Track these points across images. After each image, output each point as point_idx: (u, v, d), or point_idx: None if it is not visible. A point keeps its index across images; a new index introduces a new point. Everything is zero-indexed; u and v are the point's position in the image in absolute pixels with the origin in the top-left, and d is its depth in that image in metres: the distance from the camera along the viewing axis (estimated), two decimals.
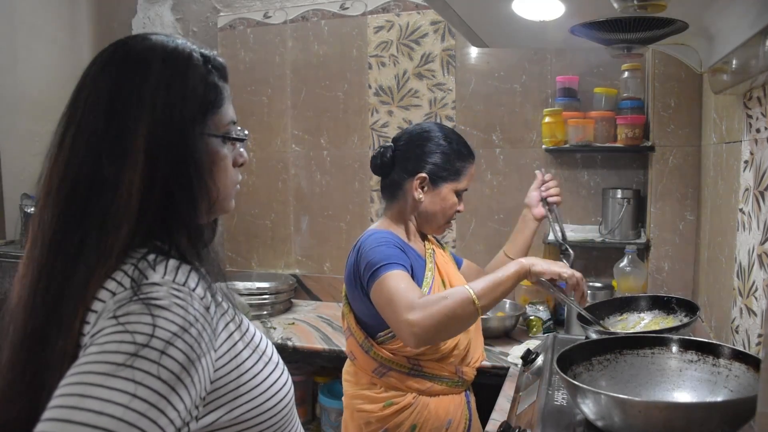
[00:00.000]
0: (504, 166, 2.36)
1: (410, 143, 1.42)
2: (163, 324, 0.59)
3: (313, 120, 2.65)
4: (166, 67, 0.71)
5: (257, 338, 0.77)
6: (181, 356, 0.59)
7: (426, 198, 1.40)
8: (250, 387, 0.71)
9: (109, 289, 0.64)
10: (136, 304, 0.60)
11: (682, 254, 1.94)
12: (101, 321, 0.60)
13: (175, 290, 0.63)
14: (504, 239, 2.35)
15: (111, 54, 0.73)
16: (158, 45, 0.73)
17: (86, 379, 0.55)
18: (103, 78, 0.71)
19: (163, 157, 0.68)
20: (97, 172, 0.67)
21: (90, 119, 0.69)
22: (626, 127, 2.03)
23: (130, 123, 0.68)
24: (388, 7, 2.48)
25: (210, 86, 0.75)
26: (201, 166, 0.72)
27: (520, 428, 1.01)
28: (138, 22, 2.95)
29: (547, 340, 1.50)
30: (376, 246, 1.28)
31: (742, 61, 1.13)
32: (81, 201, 0.67)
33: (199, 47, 0.76)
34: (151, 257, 0.66)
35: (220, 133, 0.76)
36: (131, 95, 0.69)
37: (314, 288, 2.71)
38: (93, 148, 0.68)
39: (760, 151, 1.16)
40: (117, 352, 0.56)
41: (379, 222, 1.46)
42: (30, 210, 2.59)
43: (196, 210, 0.71)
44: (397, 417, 1.34)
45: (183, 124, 0.70)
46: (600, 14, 1.06)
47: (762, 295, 1.13)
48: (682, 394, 0.99)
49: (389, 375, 1.35)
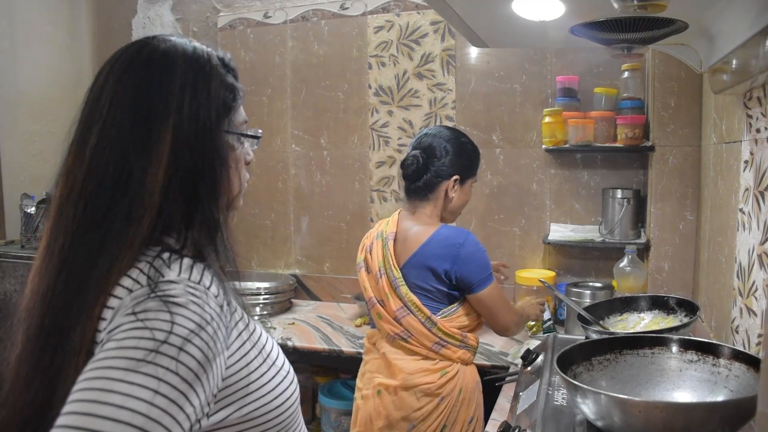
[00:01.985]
0: (504, 166, 2.36)
1: (440, 149, 1.62)
2: (180, 321, 0.60)
3: (313, 120, 2.65)
4: (190, 68, 0.73)
5: (264, 338, 0.78)
6: (198, 353, 0.60)
7: (456, 195, 1.64)
8: (258, 385, 0.72)
9: (125, 286, 0.65)
10: (154, 301, 0.61)
11: (682, 254, 1.94)
12: (118, 317, 0.61)
13: (192, 288, 0.64)
14: (504, 239, 2.36)
15: (136, 53, 0.74)
16: (179, 46, 0.75)
17: (107, 374, 0.55)
18: (129, 77, 0.71)
19: (188, 154, 0.70)
20: (123, 168, 0.68)
21: (116, 117, 0.70)
22: (626, 127, 2.03)
23: (158, 121, 0.70)
24: (388, 7, 2.48)
25: (229, 87, 0.77)
26: (224, 162, 0.74)
27: (520, 428, 1.01)
28: (138, 22, 2.95)
29: (547, 340, 1.50)
30: (483, 251, 1.57)
31: (742, 61, 1.13)
32: (107, 196, 0.68)
33: (214, 50, 0.79)
34: (165, 255, 0.68)
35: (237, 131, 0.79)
36: (159, 94, 0.70)
37: (314, 288, 2.71)
38: (119, 145, 0.69)
39: (760, 151, 1.16)
40: (137, 348, 0.57)
41: (425, 218, 1.63)
42: (30, 210, 2.60)
43: (217, 205, 0.73)
44: (449, 384, 1.55)
45: (208, 123, 0.72)
46: (600, 14, 1.06)
47: (762, 295, 1.13)
48: (682, 394, 0.99)
49: (445, 348, 1.56)
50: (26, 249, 2.55)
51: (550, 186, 2.32)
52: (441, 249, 1.55)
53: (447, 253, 1.54)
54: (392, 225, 1.65)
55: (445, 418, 1.54)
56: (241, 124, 0.80)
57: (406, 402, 1.54)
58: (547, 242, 2.22)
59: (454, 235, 1.57)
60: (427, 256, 1.56)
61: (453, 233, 1.57)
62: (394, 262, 1.59)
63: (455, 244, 1.54)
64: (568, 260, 2.31)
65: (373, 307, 1.62)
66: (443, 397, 1.54)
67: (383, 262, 1.60)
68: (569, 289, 1.97)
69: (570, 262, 2.31)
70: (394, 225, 1.65)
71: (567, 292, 1.95)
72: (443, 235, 1.57)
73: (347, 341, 2.11)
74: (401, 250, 1.61)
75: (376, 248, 1.64)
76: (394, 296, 1.58)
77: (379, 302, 1.61)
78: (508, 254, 2.37)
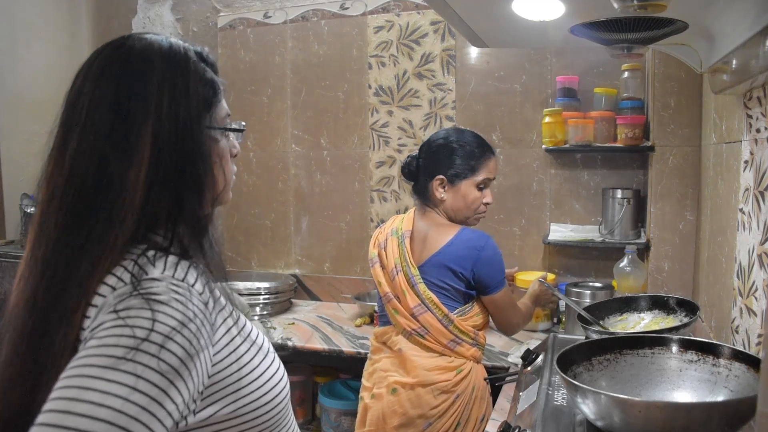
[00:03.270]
0: (504, 166, 2.36)
1: (429, 150, 1.66)
2: (162, 319, 0.60)
3: (313, 120, 2.65)
4: (167, 67, 0.72)
5: (254, 334, 0.78)
6: (180, 350, 0.60)
7: (448, 196, 1.63)
8: (247, 381, 0.72)
9: (109, 284, 0.65)
10: (136, 299, 0.61)
11: (682, 254, 1.94)
12: (101, 315, 0.61)
13: (175, 286, 0.64)
14: (504, 239, 2.36)
15: (111, 55, 0.73)
16: (155, 44, 0.74)
17: (86, 371, 0.56)
18: (106, 79, 0.71)
19: (170, 153, 0.70)
20: (103, 171, 0.68)
21: (95, 120, 0.69)
22: (626, 127, 2.03)
23: (137, 122, 0.69)
24: (388, 7, 2.48)
25: (208, 82, 0.77)
26: (207, 159, 0.74)
27: (520, 428, 1.01)
28: (138, 22, 2.95)
29: (547, 340, 1.50)
30: (501, 256, 1.62)
31: (742, 61, 1.13)
32: (88, 200, 0.68)
33: (191, 44, 0.78)
34: (150, 253, 0.68)
35: (220, 126, 0.78)
36: (137, 95, 0.70)
37: (314, 288, 2.71)
38: (99, 148, 0.69)
39: (760, 151, 1.16)
40: (117, 346, 0.57)
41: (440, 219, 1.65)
42: (30, 210, 2.59)
43: (201, 202, 0.74)
44: (464, 381, 1.58)
45: (188, 120, 0.72)
46: (600, 14, 1.06)
47: (762, 295, 1.12)
48: (682, 394, 0.99)
49: (460, 345, 1.59)
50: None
51: (550, 186, 2.32)
52: (463, 251, 1.59)
53: (468, 255, 1.58)
54: (408, 222, 1.67)
55: (460, 416, 1.56)
56: (224, 118, 0.80)
57: (424, 399, 1.54)
58: (547, 242, 2.22)
59: (476, 238, 1.61)
60: (449, 257, 1.59)
61: (475, 236, 1.61)
62: (411, 260, 1.61)
63: (477, 247, 1.58)
64: (568, 260, 2.31)
65: (389, 302, 1.63)
66: (458, 395, 1.56)
67: (399, 259, 1.62)
68: (569, 289, 1.97)
69: (570, 262, 2.31)
70: (409, 222, 1.67)
71: (567, 292, 1.95)
72: (466, 237, 1.61)
73: (347, 341, 2.11)
74: (420, 249, 1.64)
75: (391, 245, 1.65)
76: (412, 293, 1.60)
77: (396, 298, 1.62)
78: (508, 254, 2.36)
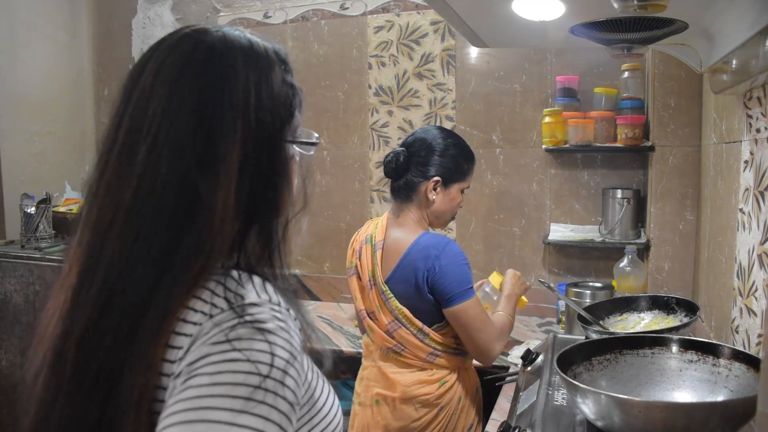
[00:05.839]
0: (504, 166, 2.36)
1: (423, 148, 1.54)
2: (278, 351, 0.54)
3: (313, 120, 2.64)
4: (251, 69, 0.63)
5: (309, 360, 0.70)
6: (294, 384, 0.54)
7: (438, 198, 1.53)
8: (317, 410, 0.65)
9: (201, 310, 0.57)
10: (245, 329, 0.54)
11: (682, 254, 1.94)
12: (203, 347, 0.53)
13: (276, 311, 0.57)
14: (504, 239, 2.36)
15: (189, 53, 0.62)
16: (236, 42, 0.64)
17: (213, 416, 0.49)
18: (186, 84, 0.61)
19: (255, 170, 0.61)
20: (187, 191, 0.58)
21: (172, 130, 0.59)
22: (626, 127, 2.03)
23: (224, 134, 0.59)
24: (388, 7, 2.48)
25: (288, 86, 0.67)
26: (289, 176, 0.66)
27: (520, 428, 1.01)
28: (138, 22, 2.95)
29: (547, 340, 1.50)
30: (462, 264, 1.46)
31: (742, 61, 1.13)
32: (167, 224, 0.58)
33: (269, 42, 0.68)
34: (235, 273, 0.60)
35: (299, 138, 0.68)
36: (221, 103, 0.60)
37: (314, 288, 2.71)
38: (180, 164, 0.58)
39: (760, 151, 1.16)
40: (243, 385, 0.51)
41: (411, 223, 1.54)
42: (30, 210, 2.59)
43: (278, 221, 0.65)
44: (448, 393, 1.52)
45: (274, 129, 0.63)
46: (600, 14, 1.06)
47: (762, 295, 1.13)
48: (682, 394, 0.99)
49: (440, 357, 1.52)
50: (26, 249, 2.55)
51: (550, 186, 2.32)
52: (419, 261, 1.46)
53: (423, 266, 1.45)
54: (381, 231, 1.57)
55: (444, 427, 1.51)
56: (296, 130, 0.68)
57: (405, 413, 1.50)
58: (547, 242, 2.22)
59: (433, 244, 1.47)
60: (409, 268, 1.48)
61: (432, 242, 1.47)
62: (380, 275, 1.52)
63: (431, 256, 1.45)
64: (568, 260, 2.31)
65: (363, 320, 1.57)
66: (442, 407, 1.51)
67: (372, 272, 1.53)
68: (569, 289, 1.96)
69: (570, 262, 2.31)
70: (382, 231, 1.57)
71: (567, 292, 1.95)
72: (423, 244, 1.48)
73: (347, 341, 2.12)
74: (387, 261, 1.53)
75: (366, 255, 1.56)
76: (385, 309, 1.52)
77: (370, 315, 1.56)
78: (508, 254, 2.38)
